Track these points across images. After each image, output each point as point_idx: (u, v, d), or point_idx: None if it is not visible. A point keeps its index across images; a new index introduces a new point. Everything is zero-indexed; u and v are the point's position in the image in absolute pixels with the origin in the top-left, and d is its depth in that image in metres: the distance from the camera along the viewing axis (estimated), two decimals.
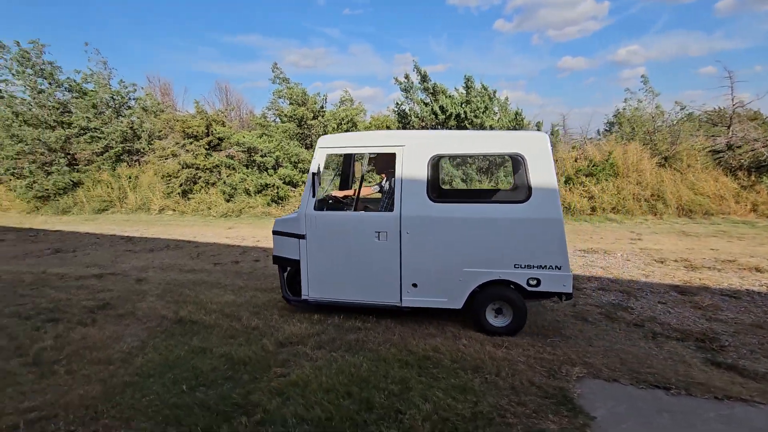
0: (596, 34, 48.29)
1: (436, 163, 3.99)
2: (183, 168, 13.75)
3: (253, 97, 58.47)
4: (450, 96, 12.58)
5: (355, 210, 4.37)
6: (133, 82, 18.15)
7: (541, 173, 3.52)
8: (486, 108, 12.00)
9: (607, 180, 10.53)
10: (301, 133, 13.45)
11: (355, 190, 4.69)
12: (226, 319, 4.28)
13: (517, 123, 12.14)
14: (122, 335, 3.94)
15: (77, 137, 16.05)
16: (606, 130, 16.18)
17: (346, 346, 3.59)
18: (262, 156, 12.87)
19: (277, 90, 14.16)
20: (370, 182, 7.64)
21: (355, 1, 53.69)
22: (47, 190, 15.18)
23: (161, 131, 16.92)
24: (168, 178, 13.91)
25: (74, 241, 9.32)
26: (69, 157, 16.21)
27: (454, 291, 3.76)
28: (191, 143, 14.85)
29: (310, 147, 13.34)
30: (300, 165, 12.39)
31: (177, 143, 15.76)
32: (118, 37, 44.97)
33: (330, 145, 4.03)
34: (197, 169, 13.78)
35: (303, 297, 4.15)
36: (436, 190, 4.51)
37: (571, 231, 8.43)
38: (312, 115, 13.48)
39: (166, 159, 14.62)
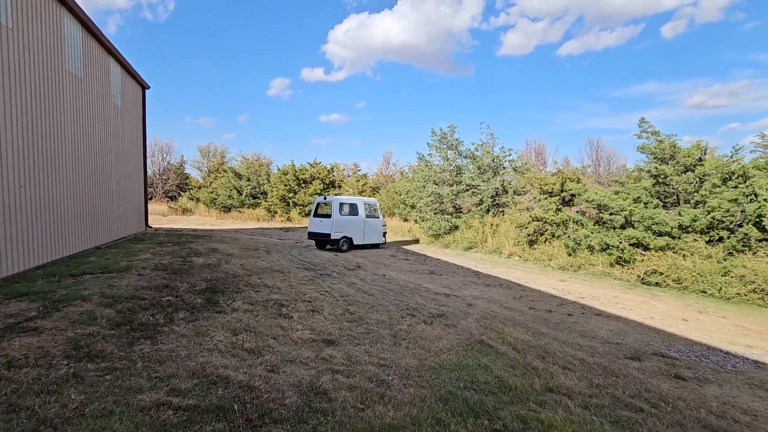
0: None
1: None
2: (533, 220, 15.22)
3: (629, 150, 54.22)
4: None
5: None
6: (510, 147, 21.88)
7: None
8: None
9: None
10: (662, 191, 11.79)
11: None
12: (514, 352, 4.90)
13: None
14: (442, 337, 5.38)
15: (464, 192, 21.09)
16: None
17: (613, 418, 3.39)
18: (610, 214, 12.29)
19: (641, 145, 13.24)
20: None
21: None
22: (439, 230, 20.75)
23: (523, 187, 19.43)
24: (520, 228, 15.79)
25: (444, 268, 12.52)
26: (455, 207, 21.50)
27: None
28: (545, 198, 16.23)
29: (671, 206, 11.46)
30: (655, 227, 10.87)
31: (534, 198, 17.64)
32: (509, 110, 54.52)
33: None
34: (545, 222, 14.86)
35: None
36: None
37: None
38: (682, 169, 11.58)
39: (520, 212, 16.64)
